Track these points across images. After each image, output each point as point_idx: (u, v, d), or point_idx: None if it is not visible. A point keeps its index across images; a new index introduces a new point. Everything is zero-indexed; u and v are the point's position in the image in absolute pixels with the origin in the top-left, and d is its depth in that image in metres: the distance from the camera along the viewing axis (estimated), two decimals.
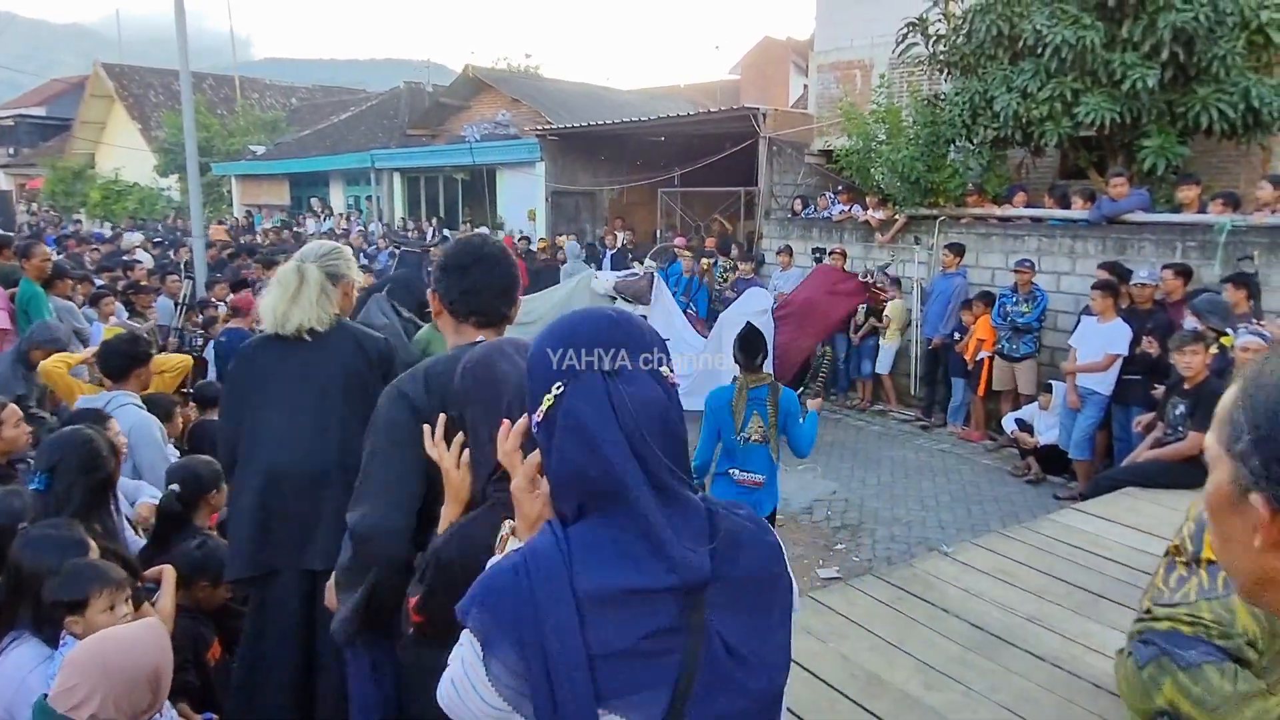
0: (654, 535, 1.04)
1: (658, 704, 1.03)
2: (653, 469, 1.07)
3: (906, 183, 9.40)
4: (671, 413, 1.12)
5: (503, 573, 1.08)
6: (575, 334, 1.13)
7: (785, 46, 25.74)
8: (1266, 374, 0.77)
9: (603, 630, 1.02)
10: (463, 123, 18.88)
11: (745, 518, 1.17)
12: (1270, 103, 7.64)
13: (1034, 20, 8.21)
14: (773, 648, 1.12)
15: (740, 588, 1.10)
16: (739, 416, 4.45)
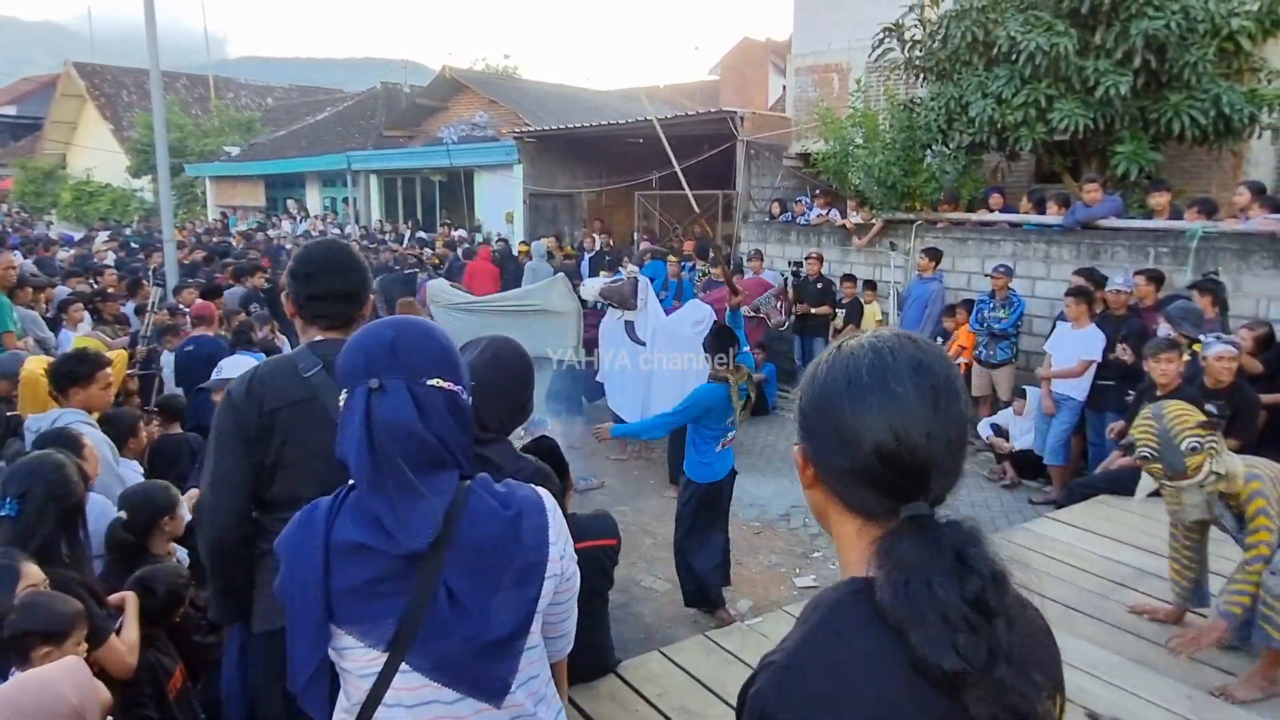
0: (379, 514, 1.35)
1: (386, 630, 1.35)
2: (385, 470, 1.36)
3: (883, 187, 9.43)
4: (422, 424, 1.39)
5: (295, 519, 1.44)
6: (363, 350, 1.43)
7: (764, 47, 25.74)
8: (813, 366, 1.04)
9: (342, 571, 1.35)
10: (440, 124, 18.77)
11: (497, 497, 1.45)
12: (1240, 109, 7.71)
13: (1008, 27, 8.25)
14: (497, 604, 1.38)
15: (470, 551, 1.38)
16: (737, 409, 4.83)
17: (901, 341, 0.99)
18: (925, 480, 0.96)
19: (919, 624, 0.88)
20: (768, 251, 10.87)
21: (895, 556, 0.92)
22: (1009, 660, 0.88)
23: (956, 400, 0.97)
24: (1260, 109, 7.85)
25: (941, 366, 0.99)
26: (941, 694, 0.88)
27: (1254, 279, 6.92)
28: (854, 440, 0.95)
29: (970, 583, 0.89)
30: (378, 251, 13.79)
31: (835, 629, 0.94)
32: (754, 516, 6.64)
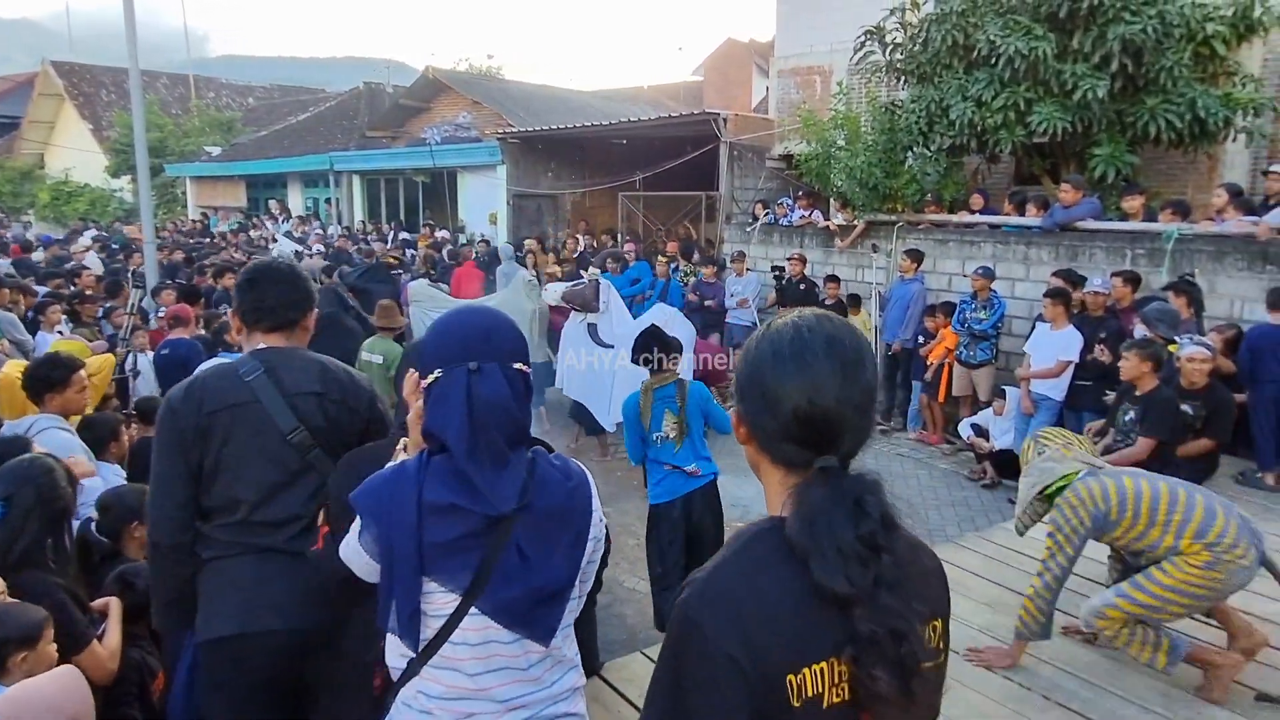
0: (470, 478, 1.57)
1: (465, 578, 1.57)
2: (483, 441, 1.58)
3: (865, 189, 9.49)
4: (512, 402, 1.63)
5: (379, 478, 1.64)
6: (460, 335, 1.67)
7: (748, 48, 25.82)
8: (748, 342, 1.21)
9: (433, 527, 1.56)
10: (423, 124, 18.71)
11: (559, 469, 1.69)
12: (1215, 113, 7.81)
13: (988, 31, 8.33)
14: (557, 559, 1.62)
15: (541, 514, 1.62)
16: (647, 417, 4.58)
17: (819, 321, 1.18)
18: (836, 438, 1.14)
19: (818, 554, 1.08)
20: (750, 253, 10.91)
21: (805, 499, 1.12)
22: (891, 588, 1.07)
23: (863, 371, 1.15)
24: (1235, 112, 7.95)
25: (851, 342, 1.16)
26: (833, 612, 1.07)
27: (1229, 280, 7.02)
28: (776, 404, 1.14)
29: (864, 523, 1.09)
30: (362, 252, 13.74)
31: (750, 553, 1.14)
32: (737, 516, 6.65)
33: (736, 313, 9.93)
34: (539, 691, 1.66)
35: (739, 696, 1.06)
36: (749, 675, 1.06)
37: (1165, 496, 3.18)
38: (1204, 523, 3.09)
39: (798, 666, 1.07)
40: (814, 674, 1.08)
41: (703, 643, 1.08)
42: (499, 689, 1.63)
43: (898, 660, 1.06)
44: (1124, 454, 5.39)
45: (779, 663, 1.07)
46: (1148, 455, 5.29)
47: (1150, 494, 3.20)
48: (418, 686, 1.63)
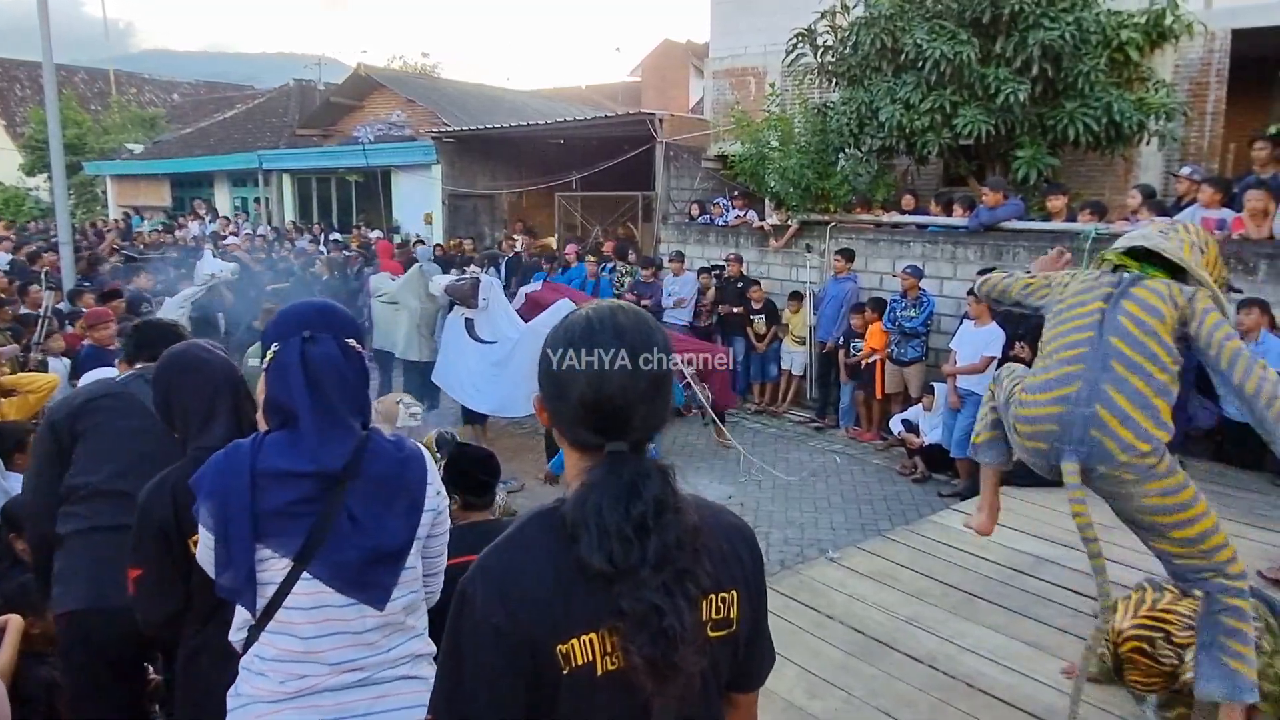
0: (307, 440, 1.68)
1: (296, 543, 1.66)
2: (321, 402, 1.70)
3: (798, 189, 9.60)
4: (345, 369, 1.76)
5: (216, 456, 1.72)
6: (295, 313, 1.79)
7: (685, 49, 25.94)
8: (551, 331, 1.25)
9: (266, 494, 1.65)
10: (356, 123, 18.36)
11: (393, 443, 1.81)
12: (1130, 117, 8.11)
13: (914, 35, 8.50)
14: (391, 524, 1.73)
15: (372, 481, 1.73)
16: None
17: (611, 311, 1.24)
18: (624, 424, 1.20)
19: (585, 532, 1.15)
20: (686, 252, 10.96)
21: (585, 480, 1.19)
22: (657, 567, 1.14)
23: (650, 360, 1.21)
24: (1148, 116, 8.27)
25: (641, 332, 1.22)
26: (599, 587, 1.14)
27: None
28: (566, 391, 1.21)
29: (635, 506, 1.15)
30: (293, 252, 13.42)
31: (526, 531, 1.23)
32: None
33: (673, 312, 9.95)
34: (374, 656, 1.74)
35: (506, 663, 1.15)
36: (514, 644, 1.15)
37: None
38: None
39: (565, 637, 1.15)
40: (583, 644, 1.15)
41: (473, 614, 1.17)
42: (331, 652, 1.70)
43: (659, 633, 1.12)
44: None
45: (545, 633, 1.14)
46: None
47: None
48: (255, 650, 1.72)
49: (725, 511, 1.36)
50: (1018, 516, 4.98)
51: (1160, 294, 2.58)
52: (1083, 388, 2.52)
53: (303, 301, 1.86)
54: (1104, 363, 2.51)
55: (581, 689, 1.17)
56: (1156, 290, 2.59)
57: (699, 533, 1.21)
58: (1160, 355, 2.51)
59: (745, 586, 1.29)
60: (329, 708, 1.71)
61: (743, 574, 1.30)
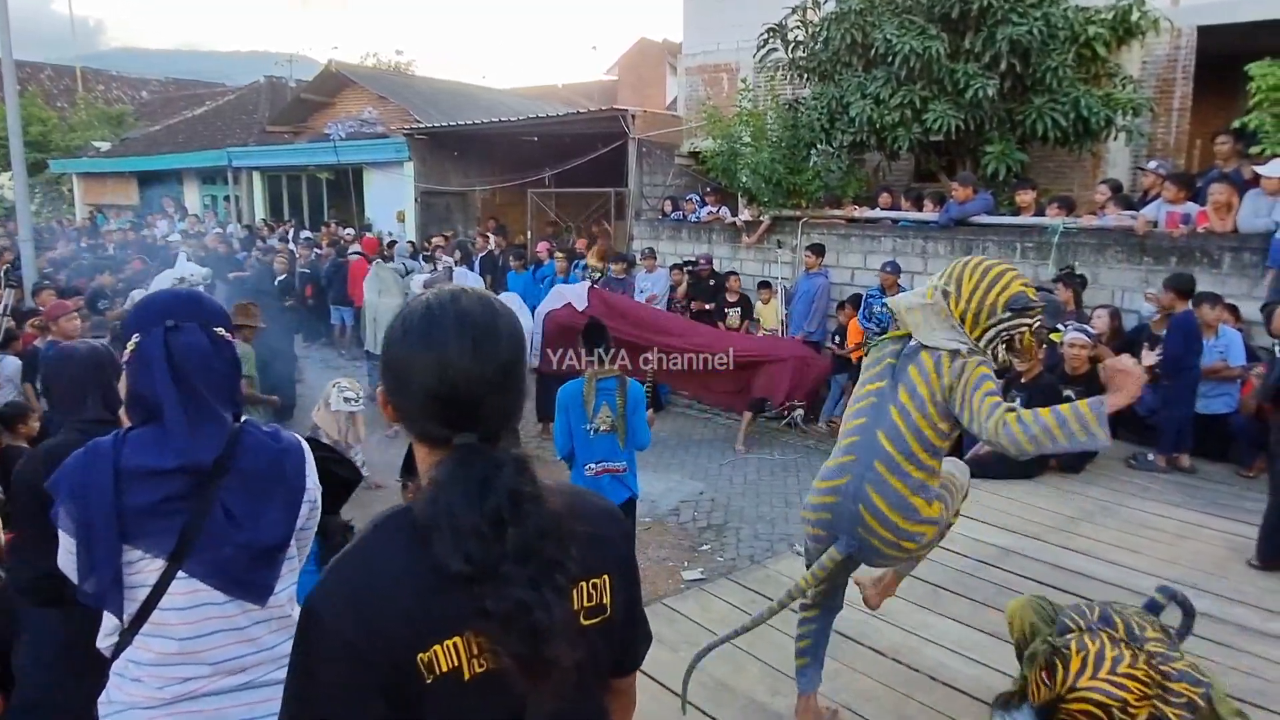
0: (175, 435, 1.61)
1: (169, 542, 1.60)
2: (188, 393, 1.64)
3: (770, 185, 9.59)
4: (213, 358, 1.71)
5: (74, 456, 1.65)
6: (158, 302, 1.75)
7: (661, 48, 25.88)
8: (391, 320, 1.19)
9: (132, 493, 1.59)
10: (327, 120, 18.16)
11: (269, 434, 1.76)
12: (1097, 112, 8.15)
13: (884, 30, 8.51)
14: (270, 518, 1.68)
15: (247, 475, 1.68)
16: (589, 407, 4.49)
17: (453, 297, 1.16)
18: (472, 415, 1.12)
19: (438, 532, 1.06)
20: (660, 249, 10.92)
21: (434, 477, 1.10)
22: (520, 560, 1.07)
23: (496, 346, 1.13)
24: (1115, 112, 8.32)
25: (486, 318, 1.14)
26: (459, 588, 1.06)
27: (1109, 271, 7.33)
28: (407, 381, 1.13)
29: (488, 501, 1.07)
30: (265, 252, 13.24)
31: (376, 537, 1.14)
32: (644, 512, 6.63)
33: None
34: (258, 653, 1.70)
35: (361, 681, 1.07)
36: (370, 659, 1.07)
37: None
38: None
39: (426, 645, 1.08)
40: (446, 650, 1.09)
41: (321, 631, 1.08)
42: (211, 652, 1.66)
43: (528, 631, 1.06)
44: None
45: (403, 644, 1.07)
46: None
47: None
48: (128, 655, 1.66)
49: (592, 494, 1.34)
50: (984, 509, 4.98)
51: (925, 370, 2.52)
52: (850, 482, 2.59)
53: (165, 290, 1.84)
54: (869, 459, 2.56)
55: (449, 696, 1.10)
56: (923, 366, 2.53)
57: (563, 520, 1.14)
58: (920, 448, 2.51)
59: (617, 569, 1.25)
60: (209, 713, 1.66)
61: (614, 557, 1.26)
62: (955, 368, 2.47)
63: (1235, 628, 3.62)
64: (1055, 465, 5.62)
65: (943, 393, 2.48)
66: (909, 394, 2.52)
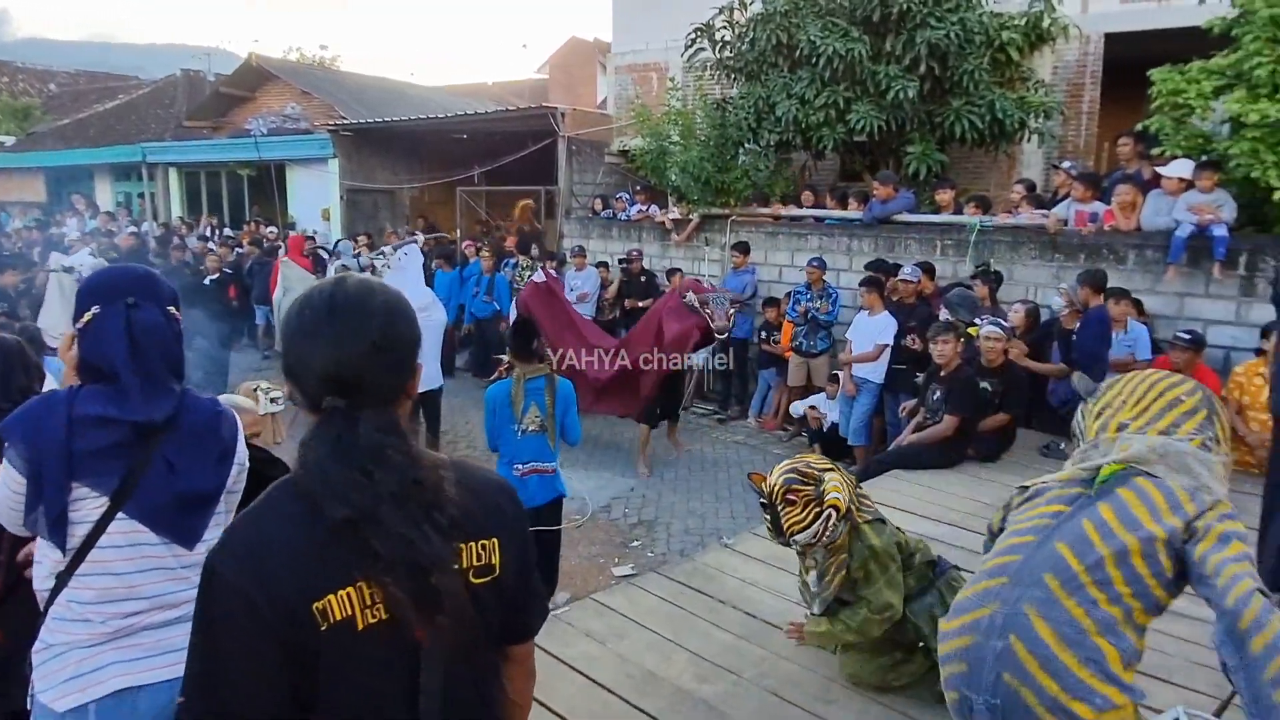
0: (131, 395, 1.82)
1: (112, 482, 1.81)
2: (144, 364, 1.85)
3: (698, 183, 9.67)
4: (168, 334, 1.92)
5: (29, 403, 1.86)
6: (119, 279, 1.93)
7: (593, 47, 25.83)
8: (292, 306, 1.29)
9: (82, 437, 1.78)
10: (247, 115, 17.65)
11: (208, 400, 2.02)
12: (1012, 115, 8.45)
13: (809, 32, 8.66)
14: (204, 471, 1.90)
15: (188, 432, 1.91)
16: (518, 407, 4.46)
17: (334, 283, 1.30)
18: (346, 389, 1.22)
19: (317, 485, 1.18)
20: (590, 247, 10.92)
21: (303, 440, 1.22)
22: (395, 504, 1.17)
23: (367, 325, 1.24)
24: (1029, 115, 8.64)
25: (358, 300, 1.26)
26: (347, 538, 1.16)
27: (1024, 269, 7.60)
28: (296, 363, 1.26)
29: (355, 454, 1.18)
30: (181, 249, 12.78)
31: (269, 499, 1.25)
32: (575, 509, 6.63)
33: (577, 307, 9.88)
34: (190, 589, 1.76)
35: (258, 630, 1.15)
36: (265, 609, 1.14)
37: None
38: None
39: (320, 594, 1.16)
40: (340, 599, 1.17)
41: (221, 585, 1.17)
42: (149, 586, 1.85)
43: (413, 565, 1.16)
44: (932, 431, 5.74)
45: (297, 594, 1.15)
46: (954, 431, 5.64)
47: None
48: (68, 596, 1.81)
49: (483, 469, 1.44)
50: (907, 497, 5.11)
51: (1151, 499, 1.76)
52: (998, 611, 1.75)
53: (122, 268, 1.99)
54: (1034, 575, 1.74)
55: (343, 644, 1.17)
56: (1146, 494, 1.77)
57: (439, 474, 1.25)
58: (1123, 584, 1.71)
59: (507, 536, 1.35)
60: (147, 645, 1.85)
61: (504, 524, 1.35)
62: (1203, 502, 1.76)
63: None
64: (973, 454, 5.79)
65: (1182, 529, 1.73)
66: (1118, 514, 1.76)
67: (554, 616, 3.72)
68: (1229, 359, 6.44)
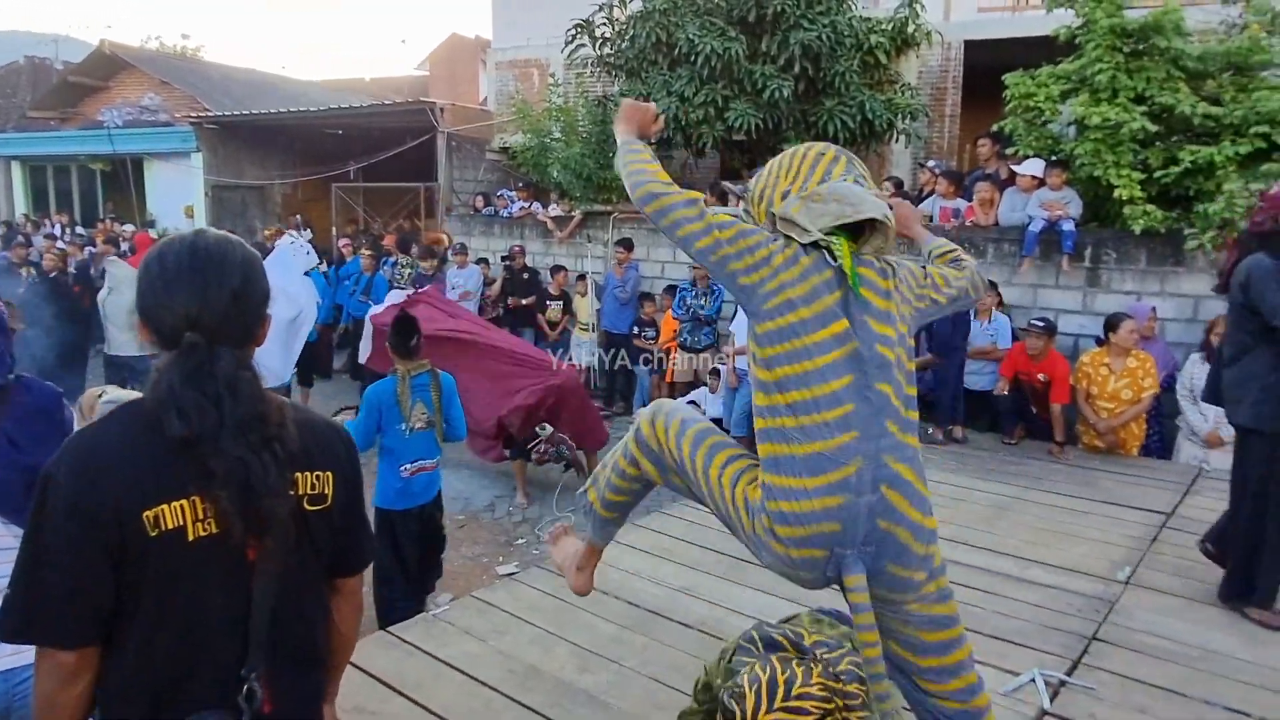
0: None
1: None
2: None
3: (580, 180, 9.65)
4: None
5: None
6: None
7: (474, 44, 25.42)
8: (149, 255, 1.38)
9: None
10: (101, 106, 16.55)
11: (50, 386, 2.12)
12: (881, 115, 8.79)
13: (687, 30, 8.78)
14: (44, 449, 1.73)
15: (28, 410, 1.99)
16: (405, 405, 4.36)
17: (194, 236, 1.39)
18: (205, 331, 1.30)
19: (160, 405, 1.26)
20: (472, 245, 10.74)
21: (157, 365, 1.31)
22: (237, 431, 1.26)
23: (228, 276, 1.34)
24: (896, 116, 9.01)
25: (222, 253, 1.36)
26: (186, 455, 1.25)
27: None
28: (149, 303, 1.35)
29: (208, 383, 1.27)
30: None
31: (111, 418, 1.34)
32: (458, 509, 6.51)
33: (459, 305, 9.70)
34: None
35: (86, 535, 1.22)
36: (95, 517, 1.22)
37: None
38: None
39: (153, 503, 1.24)
40: (173, 510, 1.25)
41: (52, 492, 1.23)
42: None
43: (245, 485, 1.25)
44: None
45: (129, 502, 1.23)
46: None
47: None
48: None
49: (321, 416, 1.56)
50: None
51: (881, 281, 1.82)
52: (865, 467, 1.72)
53: None
54: (879, 422, 1.73)
55: (172, 553, 1.25)
56: (875, 276, 1.82)
57: (283, 411, 1.36)
58: (909, 383, 1.82)
59: (340, 471, 1.46)
60: None
61: (337, 462, 1.47)
62: (908, 265, 2.01)
63: (999, 576, 3.99)
64: None
65: (914, 300, 1.96)
66: (876, 317, 1.79)
67: (433, 617, 3.64)
68: (1077, 345, 6.89)
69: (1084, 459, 5.95)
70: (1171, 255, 6.69)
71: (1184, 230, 6.44)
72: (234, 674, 1.31)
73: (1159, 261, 6.77)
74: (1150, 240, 6.68)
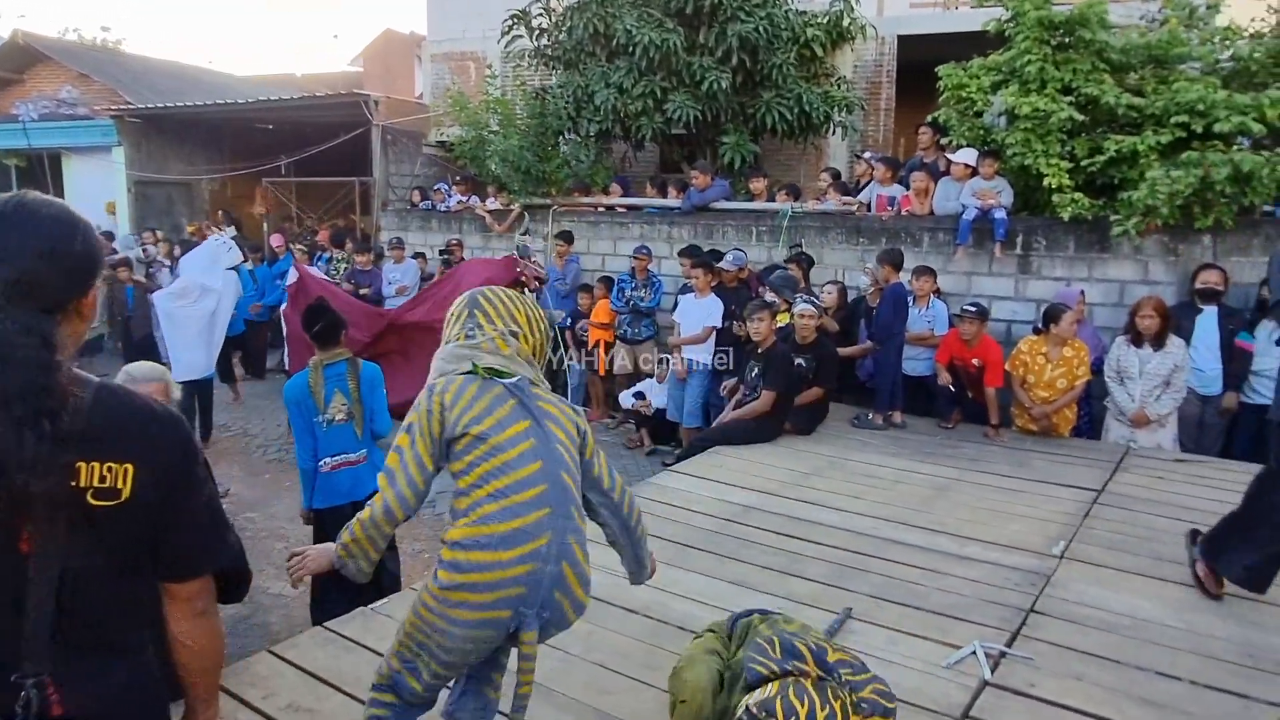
0: None
1: None
2: None
3: (519, 173, 9.55)
4: None
5: None
6: None
7: (409, 40, 25.05)
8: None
9: None
10: (14, 99, 15.82)
11: None
12: (818, 108, 8.87)
13: (624, 21, 8.73)
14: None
15: None
16: (319, 397, 4.19)
17: (6, 196, 1.33)
18: (23, 292, 1.24)
19: None
20: (409, 240, 10.55)
21: None
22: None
23: (36, 235, 1.28)
24: (833, 109, 9.10)
25: (32, 213, 1.30)
26: None
27: (832, 252, 8.00)
28: None
29: None
30: None
31: None
32: None
33: (396, 300, 9.51)
34: None
35: None
36: None
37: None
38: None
39: None
40: None
41: None
42: None
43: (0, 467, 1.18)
44: (750, 407, 5.91)
45: None
46: (771, 406, 5.83)
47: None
48: None
49: (150, 400, 1.40)
50: (729, 471, 5.24)
51: (563, 410, 2.22)
52: (552, 540, 2.03)
53: None
54: (565, 506, 2.08)
55: None
56: (557, 404, 2.21)
57: (72, 389, 1.26)
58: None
59: (148, 465, 1.32)
60: None
61: (146, 453, 1.32)
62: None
63: (939, 554, 4.04)
64: (790, 430, 6.01)
65: (580, 435, 2.25)
66: (561, 429, 2.16)
67: (371, 610, 3.53)
68: (1010, 331, 7.05)
69: (1018, 440, 6.08)
70: (1098, 242, 6.89)
71: (1110, 217, 6.63)
72: (4, 678, 1.22)
73: (1086, 248, 6.96)
74: (1078, 227, 6.87)
